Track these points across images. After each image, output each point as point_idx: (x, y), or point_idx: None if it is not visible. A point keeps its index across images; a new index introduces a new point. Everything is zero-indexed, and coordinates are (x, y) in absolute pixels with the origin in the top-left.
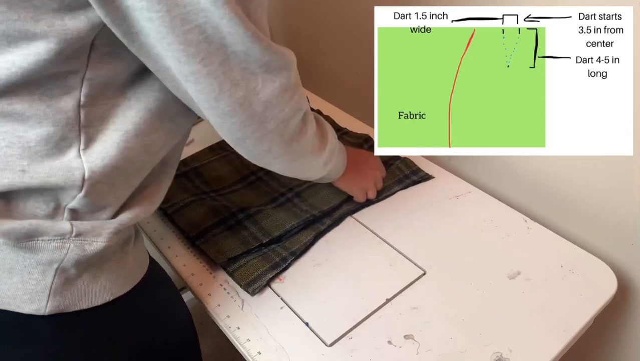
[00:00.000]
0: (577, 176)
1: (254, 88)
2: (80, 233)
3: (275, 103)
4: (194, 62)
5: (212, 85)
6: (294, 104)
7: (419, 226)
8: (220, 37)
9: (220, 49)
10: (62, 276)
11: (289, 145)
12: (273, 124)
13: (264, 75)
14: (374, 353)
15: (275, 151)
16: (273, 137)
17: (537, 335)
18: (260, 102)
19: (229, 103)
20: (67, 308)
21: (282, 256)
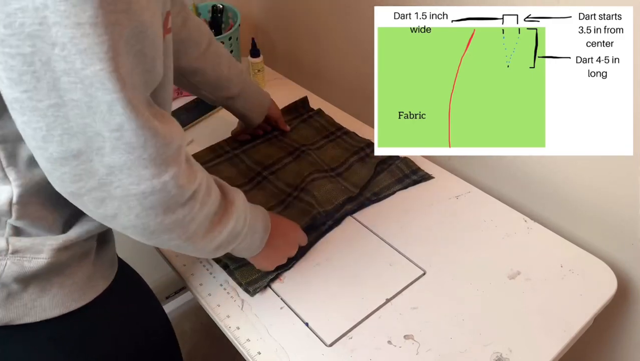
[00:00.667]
0: (577, 176)
1: (98, 148)
2: (17, 250)
3: (127, 174)
4: (17, 90)
5: (38, 123)
6: (158, 183)
7: (419, 226)
8: (52, 78)
9: (52, 90)
10: (4, 291)
11: (143, 221)
12: (120, 192)
13: (116, 142)
14: (374, 353)
15: (123, 221)
16: (119, 205)
17: (537, 335)
18: (104, 165)
19: (59, 150)
20: (12, 321)
21: None
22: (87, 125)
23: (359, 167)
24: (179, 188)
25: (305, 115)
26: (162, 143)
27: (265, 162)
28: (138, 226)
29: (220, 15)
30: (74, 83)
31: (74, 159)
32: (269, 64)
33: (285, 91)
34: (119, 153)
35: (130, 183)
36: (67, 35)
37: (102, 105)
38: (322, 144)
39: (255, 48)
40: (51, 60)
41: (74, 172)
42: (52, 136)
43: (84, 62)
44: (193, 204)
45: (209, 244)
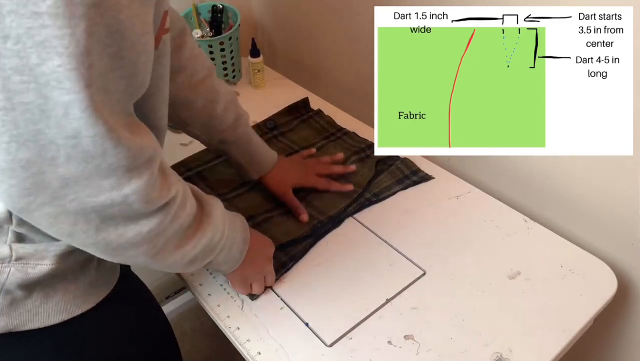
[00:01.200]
0: (577, 176)
1: (50, 158)
2: (21, 257)
3: (84, 185)
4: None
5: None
6: (117, 195)
7: (419, 226)
8: (2, 77)
9: (0, 91)
10: (8, 297)
11: (103, 237)
12: (75, 205)
13: (72, 150)
14: (374, 353)
15: (82, 238)
16: (76, 220)
17: (537, 335)
18: (57, 176)
19: (6, 160)
20: (16, 328)
21: (282, 261)
22: (39, 132)
23: (360, 167)
24: (142, 201)
25: (305, 115)
26: (126, 155)
27: None
28: (99, 242)
29: (220, 15)
30: (26, 83)
31: (22, 170)
32: (269, 64)
33: (285, 91)
34: (75, 163)
35: (88, 194)
36: (23, 26)
37: (57, 107)
38: (322, 144)
39: (255, 48)
40: (1, 55)
41: (23, 185)
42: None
43: (40, 56)
44: (162, 218)
45: (181, 259)
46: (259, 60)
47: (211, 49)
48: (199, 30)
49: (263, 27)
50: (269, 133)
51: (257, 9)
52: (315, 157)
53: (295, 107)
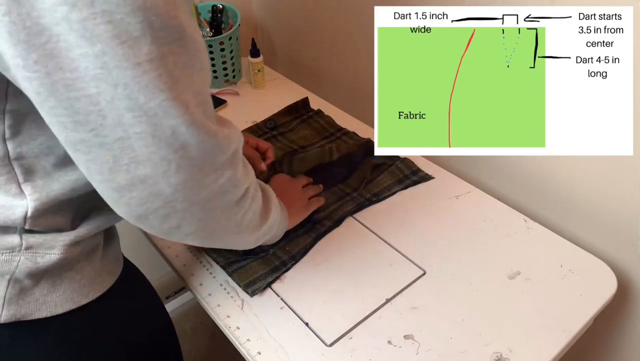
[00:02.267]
0: (577, 176)
1: (163, 171)
2: (31, 246)
3: (190, 187)
4: (84, 130)
5: (106, 156)
6: (216, 187)
7: (419, 226)
8: (117, 115)
9: (117, 126)
10: (16, 286)
11: (204, 224)
12: (185, 204)
13: (180, 160)
14: (374, 353)
15: (187, 229)
16: (183, 216)
17: (537, 335)
18: (170, 185)
19: (127, 178)
20: (24, 317)
21: (282, 260)
22: (153, 153)
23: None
24: (235, 187)
25: (305, 115)
26: (221, 150)
27: None
28: (199, 230)
29: (220, 15)
30: (137, 117)
31: (140, 184)
32: (269, 64)
33: (285, 91)
34: (183, 170)
35: (193, 194)
36: (128, 76)
37: (166, 130)
38: (322, 145)
39: (255, 48)
40: (115, 99)
41: (141, 195)
42: (119, 166)
43: (147, 96)
44: (244, 202)
45: (254, 235)
46: (259, 60)
47: (211, 49)
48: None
49: (263, 27)
50: (268, 133)
51: (257, 9)
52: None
53: (295, 107)
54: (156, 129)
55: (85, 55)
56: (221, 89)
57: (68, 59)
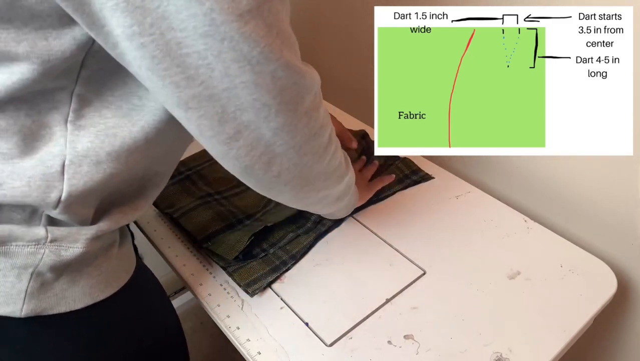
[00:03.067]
0: (577, 176)
1: (265, 116)
2: (56, 239)
3: (287, 131)
4: (195, 85)
5: (215, 107)
6: (308, 130)
7: (419, 226)
8: (224, 67)
9: (224, 77)
10: (38, 280)
11: (299, 170)
12: (282, 148)
13: (279, 106)
14: (374, 353)
15: (285, 176)
16: (281, 161)
17: (537, 335)
18: (270, 128)
19: (234, 126)
20: (44, 312)
21: (283, 260)
22: (256, 100)
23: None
24: (322, 130)
25: None
26: (308, 90)
27: None
28: (296, 177)
29: None
30: (242, 67)
31: (245, 129)
32: None
33: None
34: (282, 114)
35: (290, 137)
36: (234, 29)
37: (267, 77)
38: None
39: None
40: (222, 52)
41: (247, 142)
42: (227, 115)
43: (250, 45)
44: (330, 145)
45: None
46: None
47: None
48: None
49: None
50: None
51: None
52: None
53: None
54: (258, 77)
55: (194, 15)
56: None
57: (178, 20)
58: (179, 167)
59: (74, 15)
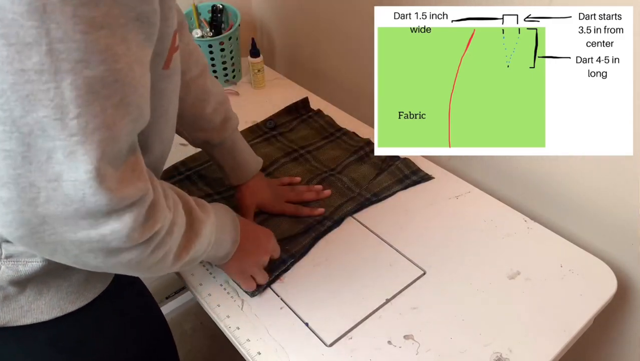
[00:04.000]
0: (577, 176)
1: (30, 199)
2: (11, 255)
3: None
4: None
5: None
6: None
7: (419, 226)
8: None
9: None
10: (0, 293)
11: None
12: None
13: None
14: (374, 353)
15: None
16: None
17: (537, 335)
18: (37, 215)
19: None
20: (8, 323)
21: (282, 259)
22: (20, 175)
23: (358, 165)
24: (121, 241)
25: (305, 115)
26: (106, 202)
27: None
28: (79, 264)
29: (220, 15)
30: (9, 133)
31: (3, 206)
32: (269, 64)
33: (285, 91)
34: (54, 204)
35: (65, 231)
36: (7, 82)
37: (40, 154)
38: (321, 145)
39: (255, 48)
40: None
41: (4, 219)
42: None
43: (25, 109)
44: (143, 249)
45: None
46: (259, 60)
47: (211, 49)
48: (199, 30)
49: (263, 27)
50: (268, 133)
51: (257, 9)
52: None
53: (295, 107)
54: (29, 150)
55: None
56: None
57: None
58: (179, 168)
59: None
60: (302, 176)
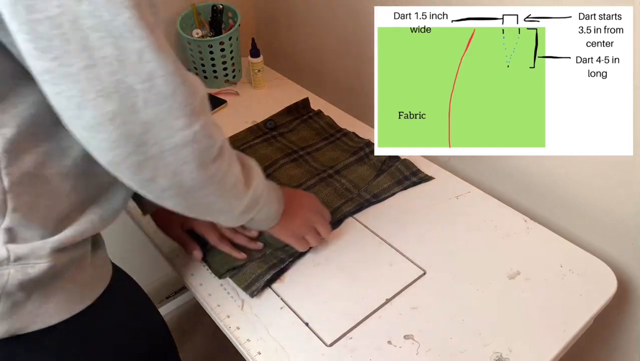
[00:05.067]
0: (577, 176)
1: (131, 105)
2: (20, 258)
3: (162, 127)
4: (46, 59)
5: (72, 90)
6: (189, 133)
7: (419, 226)
8: (81, 37)
9: (82, 51)
10: (9, 301)
11: (179, 178)
12: (156, 149)
13: (147, 94)
14: (374, 353)
15: (163, 183)
16: (156, 165)
17: (537, 335)
18: (139, 123)
19: (94, 115)
20: (19, 331)
21: (280, 258)
22: (119, 81)
23: (357, 166)
24: (209, 138)
25: (305, 116)
26: (190, 92)
27: (261, 163)
28: (175, 186)
29: (220, 15)
30: (103, 38)
31: (110, 123)
32: (269, 64)
33: (285, 91)
34: (151, 106)
35: (165, 137)
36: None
37: (132, 55)
38: (321, 146)
39: (255, 48)
40: (79, 18)
41: (111, 138)
42: (86, 101)
43: (111, 12)
44: (222, 160)
45: (239, 203)
46: (259, 60)
47: (211, 49)
48: (199, 30)
49: (263, 27)
50: (268, 133)
51: (257, 9)
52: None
53: (295, 108)
54: (122, 53)
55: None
56: (221, 89)
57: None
58: None
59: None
60: (302, 177)
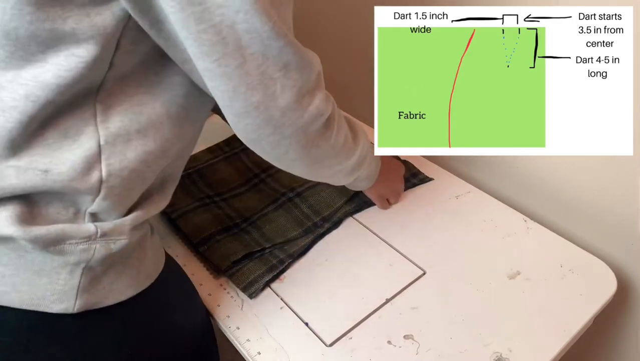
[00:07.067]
0: (577, 176)
1: (272, 93)
2: (105, 234)
3: (294, 109)
4: (208, 61)
5: (226, 85)
6: (313, 109)
7: (418, 226)
8: (236, 39)
9: (236, 50)
10: (89, 275)
11: (307, 150)
12: (291, 129)
13: (284, 80)
14: (374, 353)
15: (293, 155)
16: (290, 142)
17: (537, 335)
18: (278, 108)
19: (243, 105)
20: (94, 305)
21: (280, 259)
22: (263, 73)
23: None
24: (325, 108)
25: None
26: (311, 70)
27: (264, 163)
28: (304, 157)
29: None
30: (253, 38)
31: (255, 110)
32: None
33: None
34: (287, 91)
35: (297, 117)
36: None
37: (274, 49)
38: None
39: None
40: (235, 23)
41: (255, 122)
42: (237, 94)
43: (262, 20)
44: (333, 123)
45: (349, 160)
46: None
47: None
48: None
49: None
50: None
51: None
52: None
53: None
54: (266, 48)
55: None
56: None
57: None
58: None
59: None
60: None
